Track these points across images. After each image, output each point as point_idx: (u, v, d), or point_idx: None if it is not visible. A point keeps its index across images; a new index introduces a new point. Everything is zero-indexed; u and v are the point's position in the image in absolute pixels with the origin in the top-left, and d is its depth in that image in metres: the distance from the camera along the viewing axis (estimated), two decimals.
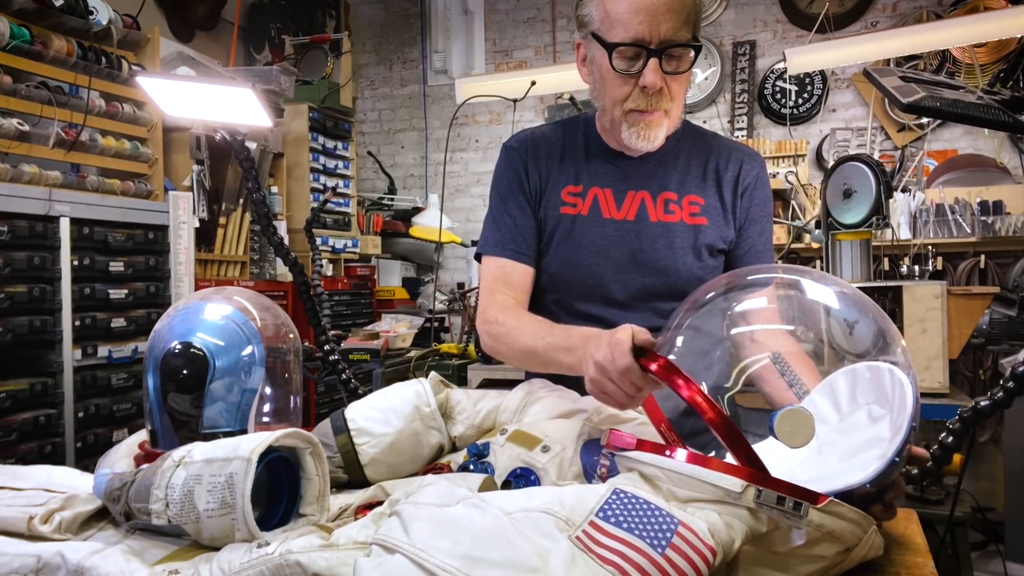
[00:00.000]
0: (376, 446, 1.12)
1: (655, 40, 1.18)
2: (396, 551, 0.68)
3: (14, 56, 2.96)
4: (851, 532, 0.78)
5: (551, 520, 0.70)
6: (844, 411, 1.00)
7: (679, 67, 1.22)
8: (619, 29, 1.20)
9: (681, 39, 1.19)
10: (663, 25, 1.18)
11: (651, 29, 1.18)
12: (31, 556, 0.88)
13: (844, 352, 1.06)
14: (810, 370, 1.05)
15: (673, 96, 1.25)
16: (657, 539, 0.68)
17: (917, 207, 3.77)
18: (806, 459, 0.91)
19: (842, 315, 1.08)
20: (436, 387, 1.18)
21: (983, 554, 3.20)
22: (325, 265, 4.64)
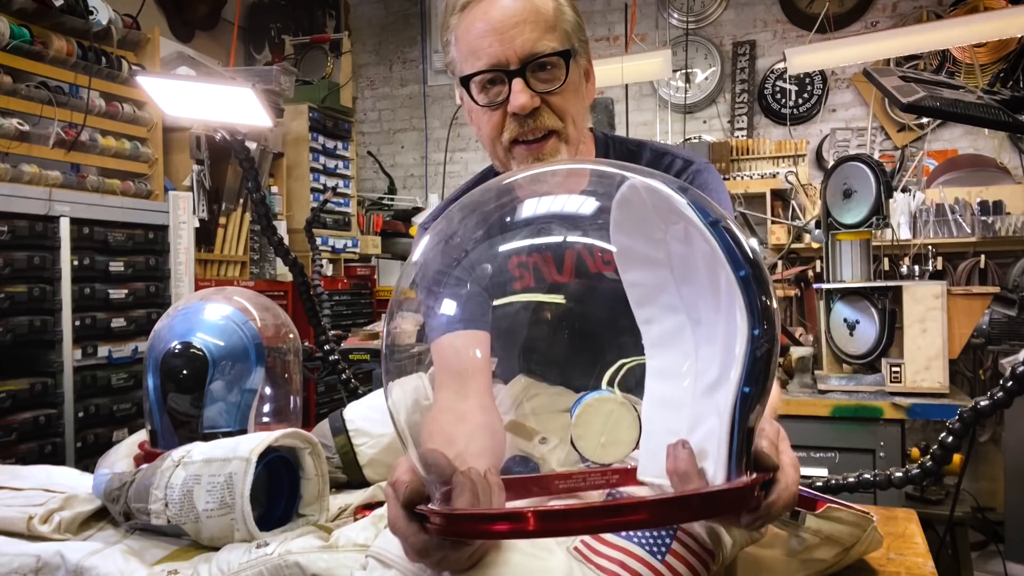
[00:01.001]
0: (375, 446, 1.12)
1: (513, 59, 1.04)
2: (392, 566, 0.68)
3: (14, 56, 2.96)
4: (850, 534, 0.78)
5: None
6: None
7: (553, 81, 1.06)
8: (473, 60, 1.06)
9: (544, 49, 1.05)
10: (517, 40, 1.04)
11: (505, 49, 1.04)
12: (30, 556, 0.88)
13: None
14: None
15: (561, 114, 1.08)
16: (656, 546, 0.68)
17: (917, 207, 3.77)
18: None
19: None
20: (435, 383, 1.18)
21: (983, 554, 3.20)
22: (325, 265, 4.64)
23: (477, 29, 1.05)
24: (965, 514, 2.46)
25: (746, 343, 0.56)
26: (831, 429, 2.30)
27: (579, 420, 0.59)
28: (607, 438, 0.58)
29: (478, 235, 0.81)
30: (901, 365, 2.36)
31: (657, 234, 0.65)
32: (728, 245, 0.58)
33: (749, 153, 4.31)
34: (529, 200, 0.75)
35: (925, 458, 1.51)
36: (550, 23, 1.06)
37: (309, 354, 2.61)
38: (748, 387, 0.56)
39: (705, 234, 0.58)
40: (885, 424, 2.27)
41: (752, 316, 0.56)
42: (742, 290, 0.57)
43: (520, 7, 1.05)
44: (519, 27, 1.04)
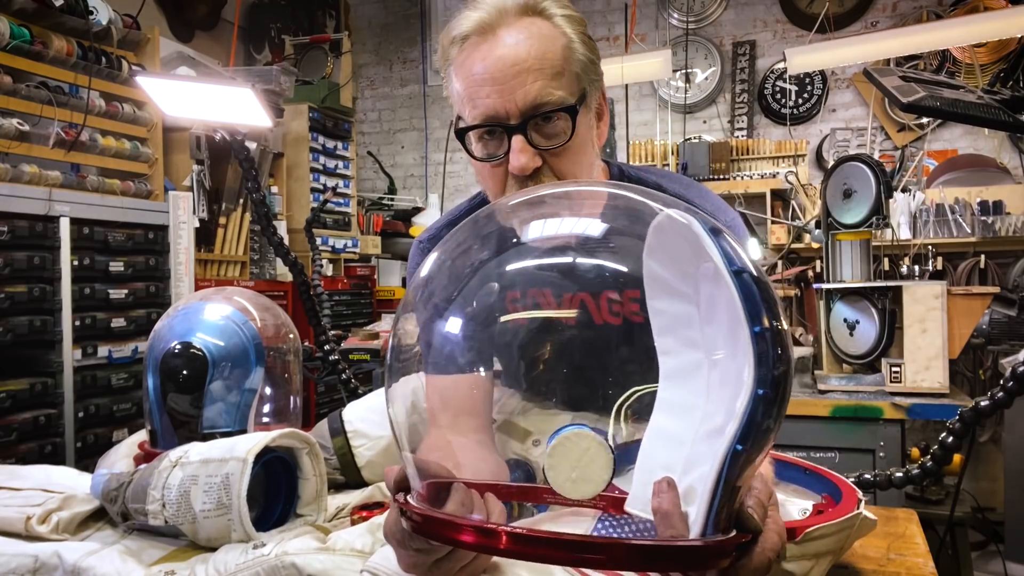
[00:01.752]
0: (372, 448, 1.12)
1: (513, 112, 0.92)
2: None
3: (14, 56, 2.96)
4: (838, 541, 0.78)
5: None
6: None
7: (558, 136, 0.94)
8: (470, 108, 0.95)
9: (549, 100, 0.92)
10: (519, 91, 0.91)
11: (504, 100, 0.92)
12: (28, 556, 0.88)
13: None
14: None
15: (565, 172, 0.97)
16: None
17: (917, 207, 3.77)
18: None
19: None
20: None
21: (983, 554, 3.20)
22: (325, 265, 4.64)
23: (476, 74, 0.93)
24: (965, 514, 2.46)
25: (748, 401, 0.55)
26: (831, 429, 2.31)
27: (554, 451, 0.57)
28: (579, 474, 0.57)
29: (486, 264, 0.78)
30: (901, 365, 2.36)
31: (689, 268, 0.64)
32: (750, 296, 0.57)
33: (749, 153, 4.31)
34: (538, 234, 0.74)
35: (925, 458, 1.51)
36: (557, 68, 0.94)
37: (309, 354, 2.62)
38: (741, 445, 0.55)
39: (728, 282, 0.57)
40: (885, 424, 2.26)
41: (759, 374, 0.55)
42: (754, 346, 0.56)
43: (524, 51, 0.92)
44: (521, 76, 0.91)
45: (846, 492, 0.88)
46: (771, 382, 0.55)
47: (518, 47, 0.92)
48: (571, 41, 0.95)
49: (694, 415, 0.64)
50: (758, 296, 0.57)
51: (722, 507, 0.57)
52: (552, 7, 0.96)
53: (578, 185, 0.89)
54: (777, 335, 0.56)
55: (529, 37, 0.93)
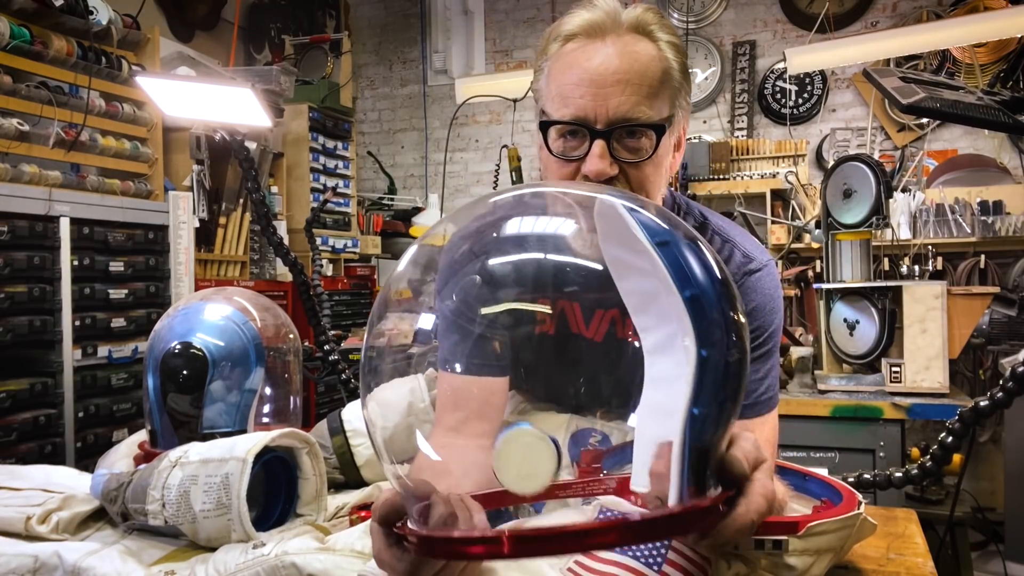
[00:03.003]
0: (371, 447, 1.12)
1: (601, 118, 0.94)
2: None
3: (14, 56, 2.96)
4: (839, 539, 0.78)
5: None
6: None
7: (639, 152, 0.96)
8: (559, 104, 0.97)
9: (638, 118, 0.94)
10: (612, 100, 0.94)
11: (596, 105, 0.94)
12: (28, 556, 0.88)
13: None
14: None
15: (636, 188, 0.98)
16: (652, 558, 0.68)
17: (917, 207, 3.77)
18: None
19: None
20: (431, 383, 1.18)
21: (983, 554, 3.20)
22: (325, 265, 4.64)
23: (573, 74, 0.96)
24: (965, 514, 2.47)
25: (694, 365, 0.56)
26: (831, 429, 2.31)
27: (499, 453, 0.58)
28: (525, 471, 0.58)
29: (509, 262, 0.77)
30: (901, 365, 2.36)
31: (639, 246, 0.65)
32: (676, 264, 0.58)
33: (749, 153, 4.31)
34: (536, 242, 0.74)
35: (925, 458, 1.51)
36: (653, 88, 0.96)
37: (309, 354, 2.62)
38: (698, 408, 0.56)
39: (652, 256, 0.58)
40: (885, 424, 2.27)
41: (700, 337, 0.56)
42: (689, 312, 0.57)
43: (626, 64, 0.94)
44: (618, 86, 0.94)
45: (846, 496, 0.88)
46: (712, 341, 0.56)
47: (622, 58, 0.94)
48: (671, 67, 0.98)
49: (680, 385, 0.64)
50: (687, 262, 0.58)
51: (695, 471, 0.57)
52: (660, 33, 0.98)
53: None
54: (711, 297, 0.57)
55: (634, 52, 0.95)
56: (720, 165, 4.17)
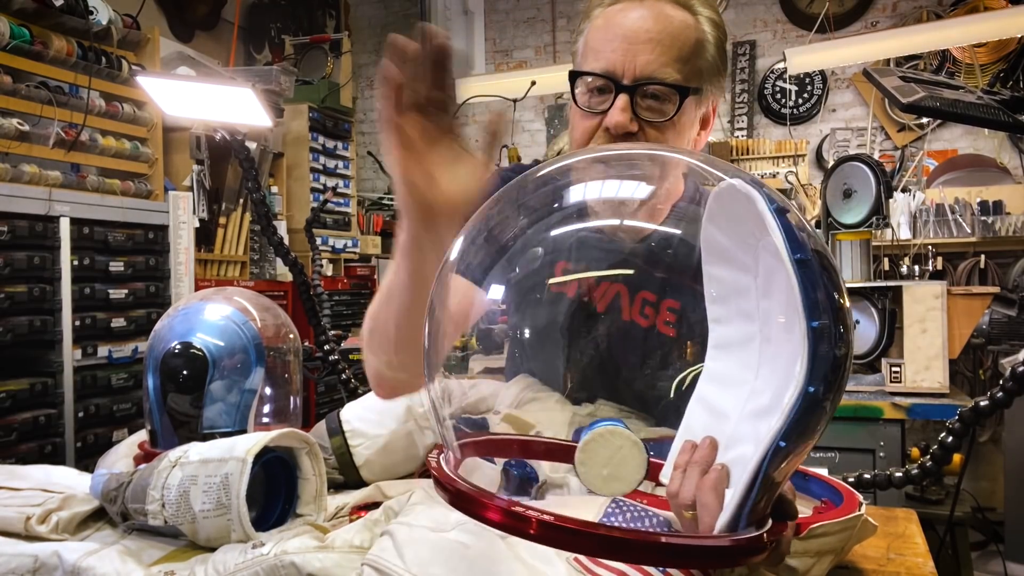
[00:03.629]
0: (370, 447, 1.12)
1: (628, 74, 0.96)
2: (389, 574, 0.68)
3: (14, 56, 2.96)
4: (840, 540, 0.78)
5: None
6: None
7: (660, 113, 0.97)
8: (591, 59, 0.99)
9: (664, 77, 0.96)
10: (641, 57, 0.95)
11: (625, 60, 0.95)
12: (28, 556, 0.88)
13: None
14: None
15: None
16: None
17: (917, 207, 3.77)
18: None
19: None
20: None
21: (983, 554, 3.20)
22: (325, 265, 4.64)
23: (609, 30, 0.97)
24: (965, 514, 2.46)
25: (796, 397, 0.51)
26: (831, 429, 2.28)
27: (586, 447, 0.56)
28: (610, 472, 0.56)
29: (547, 230, 0.76)
30: (901, 365, 2.36)
31: (750, 239, 0.62)
32: (811, 287, 0.53)
33: (749, 153, 4.31)
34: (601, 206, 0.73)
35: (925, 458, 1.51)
36: (685, 54, 0.97)
37: (309, 354, 2.62)
38: (785, 441, 0.52)
39: (789, 270, 0.53)
40: (885, 424, 2.26)
41: (812, 371, 0.52)
42: (809, 341, 0.52)
43: (660, 26, 0.96)
44: (648, 44, 0.95)
45: (846, 496, 0.88)
46: (823, 378, 0.52)
47: (657, 21, 0.95)
48: (706, 40, 0.99)
49: (742, 389, 0.62)
50: (820, 287, 0.53)
51: (758, 502, 0.55)
52: (701, 8, 0.99)
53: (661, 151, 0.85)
54: (836, 328, 0.53)
55: (671, 16, 0.96)
56: None
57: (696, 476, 0.60)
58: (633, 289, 1.00)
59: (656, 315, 1.00)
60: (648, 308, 1.01)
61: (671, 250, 0.90)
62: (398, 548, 0.70)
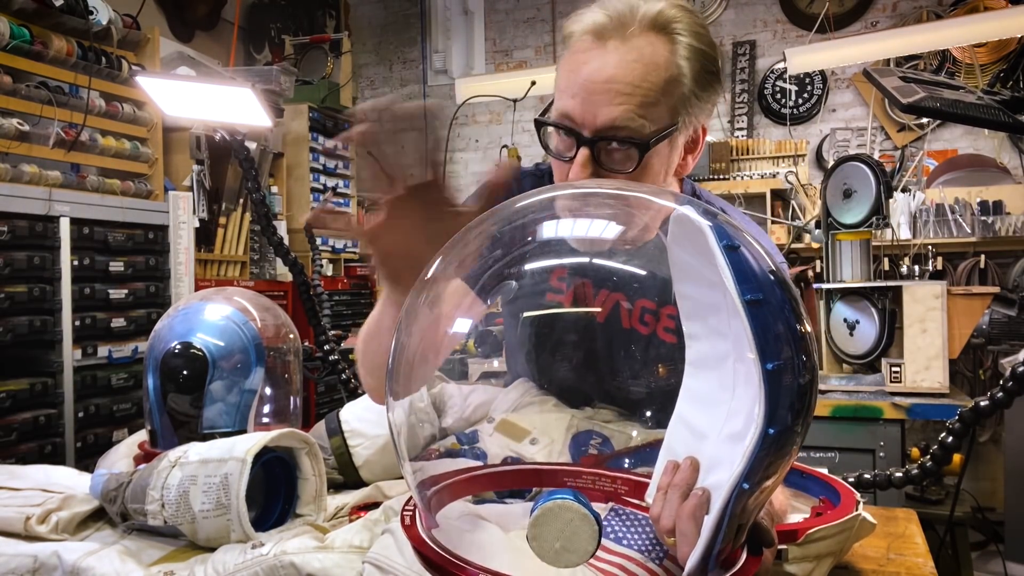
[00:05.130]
0: (370, 447, 1.12)
1: (588, 126, 0.91)
2: (390, 572, 0.68)
3: (14, 56, 2.96)
4: (838, 543, 0.78)
5: None
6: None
7: (625, 162, 0.92)
8: (558, 101, 0.96)
9: (627, 127, 0.90)
10: (602, 108, 0.90)
11: (584, 112, 0.91)
12: (28, 556, 0.88)
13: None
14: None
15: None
16: (655, 551, 0.69)
17: (917, 207, 3.76)
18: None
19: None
20: (431, 381, 1.18)
21: (983, 554, 3.20)
22: (325, 265, 4.64)
23: (573, 75, 0.93)
24: (965, 514, 2.46)
25: (757, 439, 0.51)
26: (831, 429, 2.30)
27: (536, 521, 0.55)
28: (562, 544, 0.55)
29: (533, 240, 0.76)
30: (901, 365, 2.36)
31: (713, 259, 0.61)
32: (764, 329, 0.51)
33: (749, 153, 4.31)
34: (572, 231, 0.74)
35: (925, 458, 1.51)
36: (651, 98, 0.91)
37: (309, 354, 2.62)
38: (748, 483, 0.52)
39: (740, 312, 0.52)
40: (885, 424, 2.26)
41: (771, 414, 0.50)
42: (765, 384, 0.50)
43: (623, 72, 0.90)
44: (608, 94, 0.90)
45: (844, 494, 0.88)
46: (789, 408, 0.51)
47: (619, 67, 0.90)
48: (680, 74, 0.92)
49: (720, 409, 0.62)
50: (777, 322, 0.51)
51: (726, 544, 0.55)
52: (682, 31, 0.94)
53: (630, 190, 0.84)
54: (798, 359, 0.52)
55: (636, 60, 0.90)
56: (720, 165, 4.17)
57: (676, 500, 0.60)
58: (632, 297, 1.00)
59: (656, 322, 0.99)
60: (648, 316, 1.01)
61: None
62: (399, 546, 0.70)
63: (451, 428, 1.16)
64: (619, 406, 1.00)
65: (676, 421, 0.67)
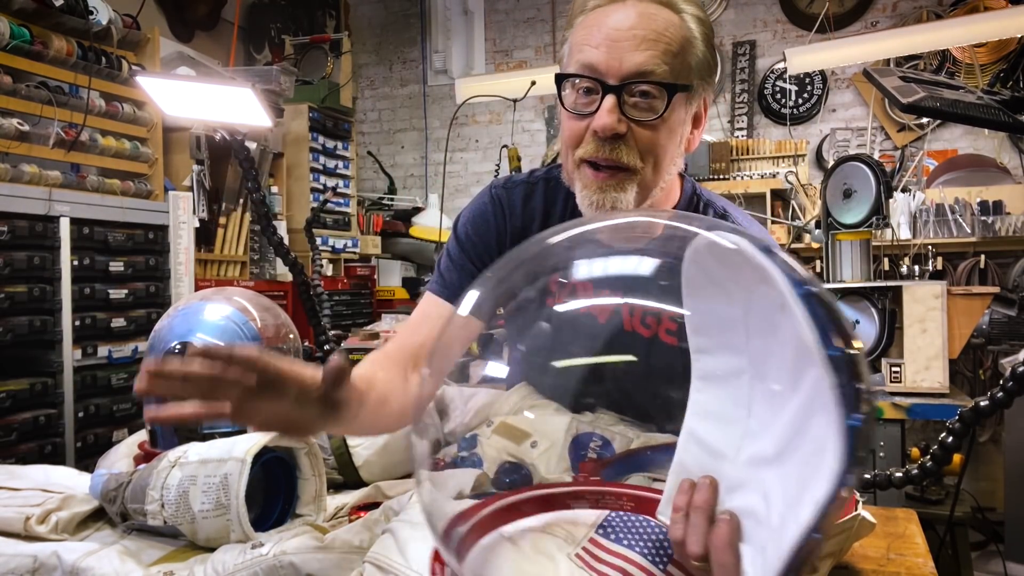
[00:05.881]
0: (369, 448, 1.12)
1: (614, 73, 0.92)
2: (391, 572, 0.68)
3: (14, 56, 2.96)
4: (837, 543, 0.78)
5: (550, 539, 0.69)
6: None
7: (649, 111, 0.94)
8: (575, 58, 0.96)
9: (654, 72, 0.92)
10: (627, 55, 0.91)
11: (610, 59, 0.92)
12: (27, 556, 0.88)
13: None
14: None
15: (645, 151, 0.95)
16: (658, 556, 0.68)
17: (917, 207, 3.76)
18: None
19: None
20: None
21: (983, 554, 3.20)
22: (325, 265, 4.64)
23: (593, 30, 0.94)
24: (965, 514, 2.46)
25: (829, 494, 0.49)
26: None
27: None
28: None
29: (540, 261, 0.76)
30: (901, 365, 2.36)
31: (741, 280, 0.59)
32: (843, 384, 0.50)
33: (749, 153, 4.31)
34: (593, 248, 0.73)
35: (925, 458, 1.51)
36: (673, 49, 0.93)
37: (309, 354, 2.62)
38: (819, 534, 0.50)
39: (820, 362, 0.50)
40: (885, 424, 2.26)
41: (847, 469, 0.49)
42: (847, 439, 0.49)
43: (645, 21, 0.93)
44: (634, 40, 0.92)
45: None
46: (855, 472, 0.49)
47: (641, 18, 0.93)
48: (693, 37, 0.96)
49: (734, 428, 0.61)
50: (852, 382, 0.50)
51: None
52: (685, 6, 0.97)
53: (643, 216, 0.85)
54: (870, 420, 0.51)
55: (655, 14, 0.94)
56: (720, 165, 4.17)
57: (703, 524, 0.59)
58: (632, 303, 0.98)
59: (658, 325, 0.99)
60: (650, 318, 1.01)
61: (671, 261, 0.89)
62: (400, 546, 0.70)
63: (452, 433, 1.16)
64: (620, 409, 1.00)
65: (687, 437, 0.65)
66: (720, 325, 0.64)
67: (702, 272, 0.63)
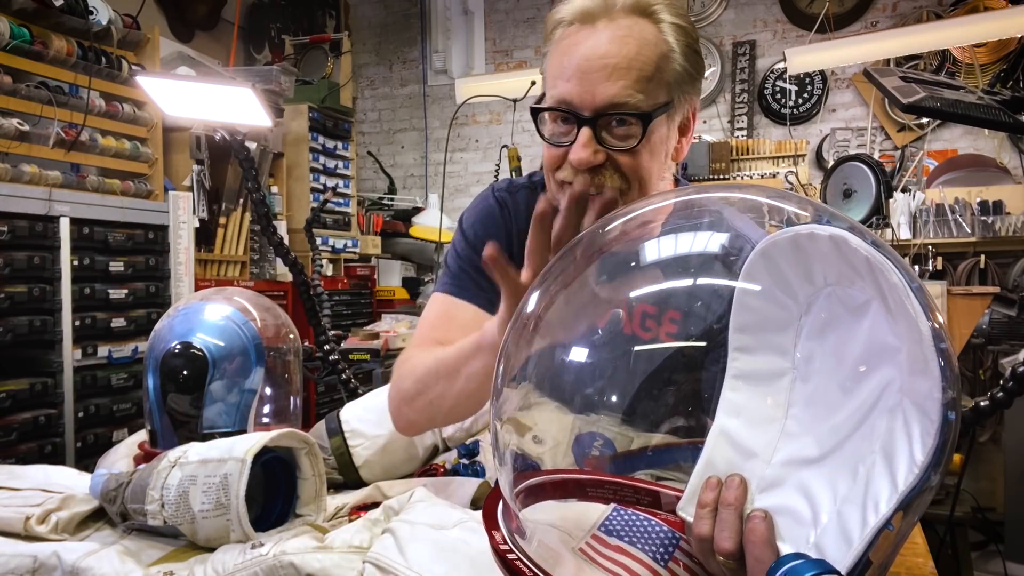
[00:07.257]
0: (370, 448, 1.12)
1: (588, 106, 0.92)
2: (391, 572, 0.68)
3: (14, 56, 2.96)
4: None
5: (555, 533, 0.70)
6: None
7: (627, 139, 0.93)
8: (552, 88, 0.97)
9: (627, 103, 0.92)
10: (600, 86, 0.91)
11: (583, 92, 0.92)
12: (27, 556, 0.88)
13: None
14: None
15: (629, 175, 0.96)
16: (660, 553, 0.68)
17: (917, 207, 3.76)
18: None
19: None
20: None
21: (983, 554, 3.20)
22: (325, 265, 4.64)
23: (566, 59, 0.94)
24: (965, 514, 2.47)
25: (916, 480, 0.51)
26: None
27: None
28: None
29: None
30: None
31: (809, 277, 0.59)
32: (947, 377, 0.50)
33: (749, 153, 4.31)
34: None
35: None
36: (646, 73, 0.93)
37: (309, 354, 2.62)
38: (892, 525, 0.51)
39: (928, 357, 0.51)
40: None
41: (936, 461, 0.51)
42: (940, 434, 0.51)
43: (617, 48, 0.92)
44: (604, 71, 0.91)
45: None
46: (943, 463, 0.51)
47: (612, 44, 0.92)
48: (671, 50, 0.94)
49: (770, 428, 0.61)
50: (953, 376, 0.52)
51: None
52: (663, 12, 0.95)
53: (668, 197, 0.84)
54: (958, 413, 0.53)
55: (626, 36, 0.92)
56: (720, 165, 4.17)
57: (734, 520, 0.59)
58: (631, 304, 0.97)
59: (659, 327, 0.96)
60: (649, 321, 0.99)
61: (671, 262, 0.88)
62: (400, 546, 0.70)
63: (452, 437, 1.16)
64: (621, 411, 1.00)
65: (718, 435, 0.65)
66: (771, 325, 0.63)
67: (769, 267, 0.62)
